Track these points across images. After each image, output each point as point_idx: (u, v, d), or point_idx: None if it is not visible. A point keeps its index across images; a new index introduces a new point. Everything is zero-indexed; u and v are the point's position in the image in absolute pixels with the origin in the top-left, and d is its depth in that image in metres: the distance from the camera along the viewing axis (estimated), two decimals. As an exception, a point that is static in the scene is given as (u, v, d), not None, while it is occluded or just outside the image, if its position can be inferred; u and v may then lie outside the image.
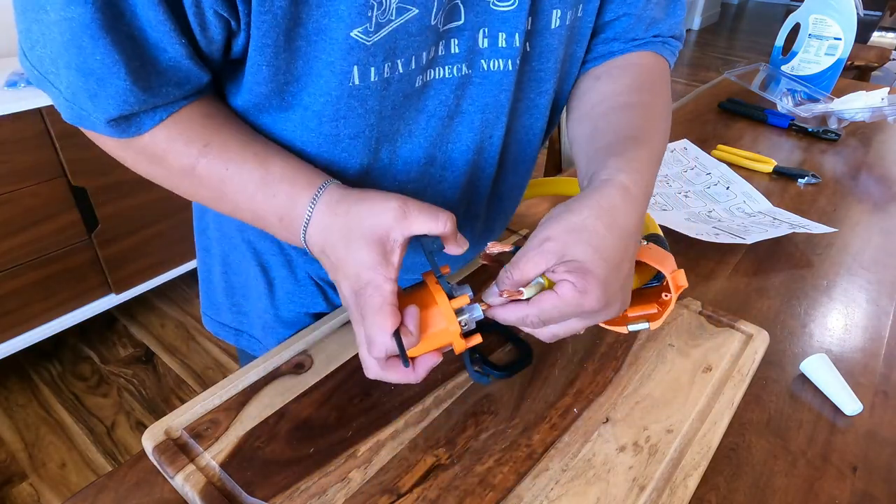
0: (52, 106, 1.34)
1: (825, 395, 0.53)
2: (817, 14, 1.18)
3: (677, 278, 0.48)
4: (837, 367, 0.54)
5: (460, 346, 0.41)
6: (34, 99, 1.31)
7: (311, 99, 0.43)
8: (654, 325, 0.49)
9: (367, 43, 0.39)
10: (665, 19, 0.55)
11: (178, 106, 0.41)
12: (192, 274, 1.87)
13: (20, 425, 1.47)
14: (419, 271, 0.63)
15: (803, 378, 0.55)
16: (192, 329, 1.78)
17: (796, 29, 1.23)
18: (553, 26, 0.47)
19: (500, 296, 0.40)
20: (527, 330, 0.42)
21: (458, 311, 0.41)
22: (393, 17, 0.38)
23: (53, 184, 1.41)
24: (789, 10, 1.95)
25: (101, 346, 1.72)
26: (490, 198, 0.57)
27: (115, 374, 1.63)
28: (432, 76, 0.45)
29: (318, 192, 0.42)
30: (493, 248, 0.46)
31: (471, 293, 0.42)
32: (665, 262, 0.48)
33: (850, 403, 0.51)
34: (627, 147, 0.45)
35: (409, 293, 0.42)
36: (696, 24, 5.65)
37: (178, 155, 0.42)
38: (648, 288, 0.52)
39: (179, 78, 0.39)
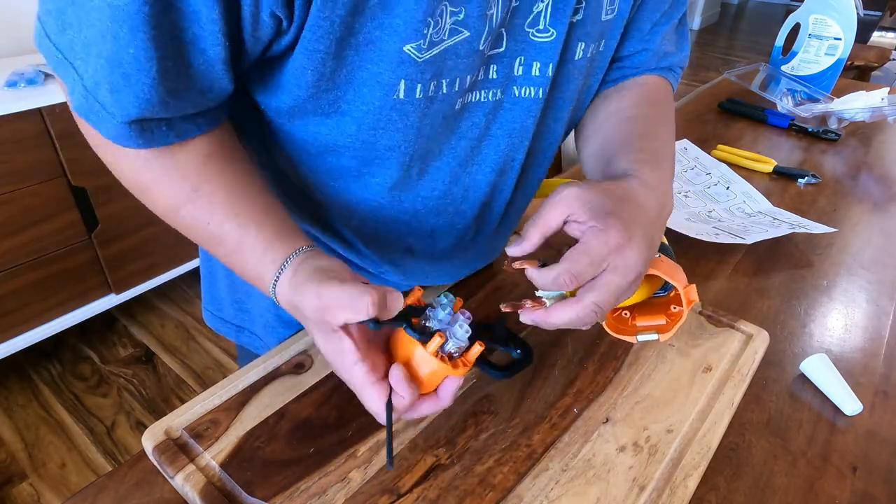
0: (52, 106, 1.34)
1: (825, 395, 0.53)
2: (817, 14, 1.18)
3: (689, 293, 0.48)
4: (837, 367, 0.54)
5: (459, 373, 0.41)
6: (34, 99, 1.31)
7: (351, 106, 0.43)
8: (664, 338, 0.50)
9: (419, 59, 0.39)
10: (676, 53, 0.58)
11: (191, 133, 0.41)
12: (192, 274, 1.87)
13: (20, 425, 1.47)
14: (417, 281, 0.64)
15: (803, 378, 0.55)
16: (192, 329, 1.78)
17: (796, 29, 1.23)
18: (577, 58, 0.48)
19: (523, 247, 0.41)
20: (567, 316, 0.40)
21: (441, 348, 0.40)
22: (445, 37, 0.39)
23: (53, 184, 1.41)
24: (789, 10, 1.95)
25: (101, 346, 1.72)
26: (500, 219, 0.58)
27: (115, 374, 1.63)
28: (470, 99, 0.46)
29: (281, 269, 0.42)
30: (510, 308, 0.44)
31: (446, 314, 0.40)
32: (677, 276, 0.49)
33: (850, 403, 0.51)
34: (634, 147, 0.47)
35: (394, 339, 0.42)
36: (696, 24, 5.65)
37: (168, 190, 0.42)
38: (657, 297, 0.52)
39: (204, 85, 0.38)
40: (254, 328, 0.67)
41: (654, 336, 0.49)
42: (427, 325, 0.40)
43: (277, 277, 0.42)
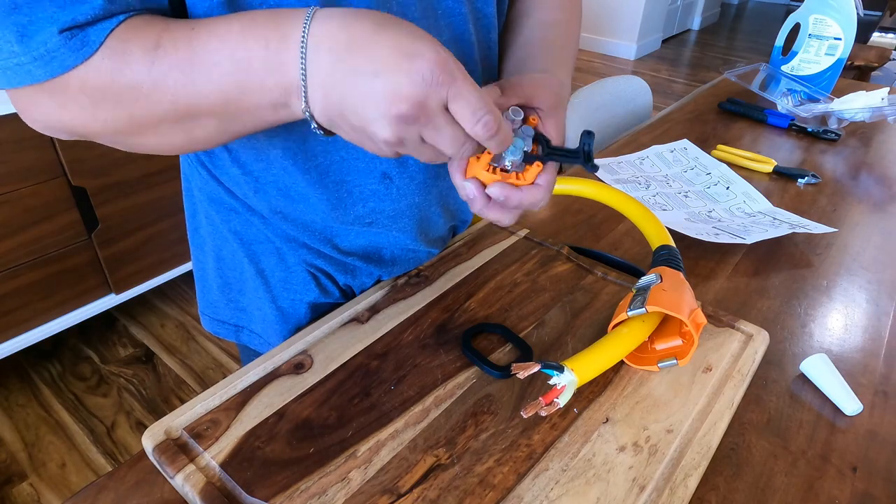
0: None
1: (825, 395, 0.53)
2: (817, 14, 1.18)
3: (696, 317, 0.49)
4: (837, 367, 0.54)
5: (516, 184, 0.43)
6: (34, 99, 1.31)
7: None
8: (683, 363, 0.50)
9: None
10: None
11: (133, 9, 0.37)
12: (192, 274, 1.87)
13: (20, 425, 1.47)
14: (406, 264, 0.63)
15: (803, 378, 0.55)
16: (192, 329, 1.78)
17: (796, 29, 1.23)
18: None
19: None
20: (495, 216, 0.44)
21: (495, 162, 0.43)
22: None
23: (53, 184, 1.41)
24: (789, 10, 1.95)
25: (101, 346, 1.72)
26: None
27: (115, 374, 1.63)
28: None
29: (311, 12, 0.35)
30: (522, 371, 0.44)
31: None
32: (682, 304, 0.49)
33: (850, 403, 0.51)
34: (561, 63, 0.53)
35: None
36: (696, 24, 5.65)
37: (138, 40, 0.36)
38: (670, 316, 0.53)
39: None
40: (252, 325, 0.67)
41: (674, 361, 0.51)
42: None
43: (310, 17, 0.34)
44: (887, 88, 1.13)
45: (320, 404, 0.48)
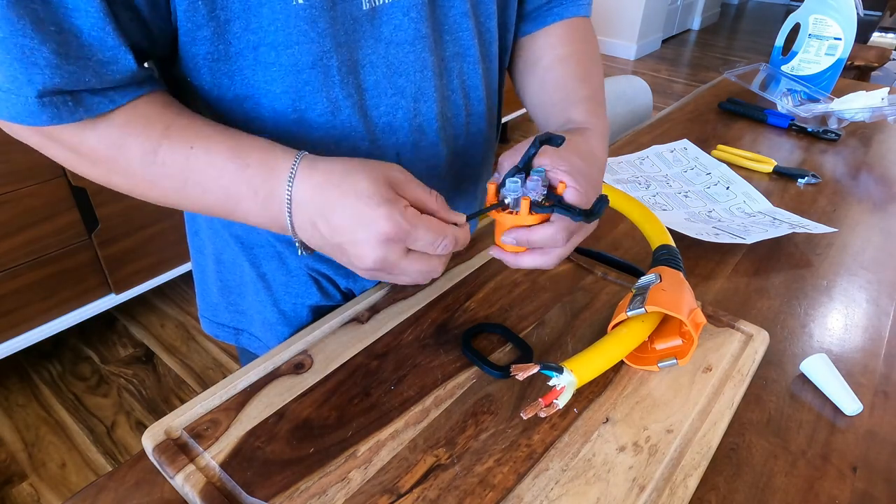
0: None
1: (825, 395, 0.53)
2: (817, 14, 1.18)
3: (695, 317, 0.49)
4: (837, 367, 0.54)
5: (515, 221, 0.46)
6: (34, 99, 1.31)
7: (261, 32, 0.42)
8: (683, 362, 0.50)
9: None
10: None
11: (103, 107, 0.39)
12: (192, 275, 1.87)
13: (20, 425, 1.47)
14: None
15: (803, 378, 0.55)
16: (192, 329, 1.78)
17: (796, 29, 1.23)
18: None
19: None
20: (532, 262, 0.47)
21: (503, 203, 0.45)
22: None
23: (53, 184, 1.41)
24: (789, 10, 1.96)
25: (101, 346, 1.72)
26: (465, 132, 0.57)
27: (115, 374, 1.63)
28: (381, 0, 0.45)
29: (298, 157, 0.41)
30: (521, 372, 0.45)
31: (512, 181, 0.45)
32: (681, 304, 0.49)
33: (850, 403, 0.51)
34: (581, 98, 0.54)
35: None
36: (696, 24, 5.65)
37: (137, 139, 0.40)
38: (670, 316, 0.53)
39: (99, 55, 0.37)
40: (252, 329, 0.67)
41: (674, 361, 0.51)
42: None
43: (297, 161, 0.41)
44: (887, 88, 1.13)
45: (320, 404, 0.48)
